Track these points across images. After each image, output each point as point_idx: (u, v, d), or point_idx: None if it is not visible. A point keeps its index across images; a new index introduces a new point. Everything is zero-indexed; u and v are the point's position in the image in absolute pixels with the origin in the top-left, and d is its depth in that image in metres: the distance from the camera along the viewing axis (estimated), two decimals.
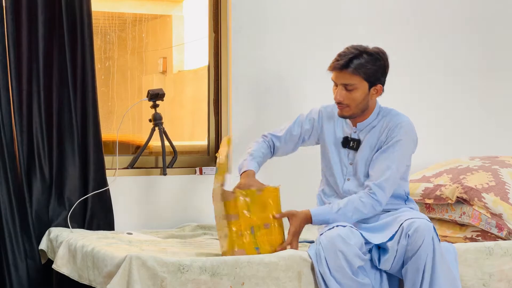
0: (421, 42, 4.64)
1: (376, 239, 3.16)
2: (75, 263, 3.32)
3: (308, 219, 3.23)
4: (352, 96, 3.25)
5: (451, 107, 4.71)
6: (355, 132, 3.35)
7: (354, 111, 3.29)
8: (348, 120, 3.37)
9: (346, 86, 3.24)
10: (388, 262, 3.12)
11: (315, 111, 3.49)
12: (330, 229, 3.14)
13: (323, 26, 4.38)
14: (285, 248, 3.17)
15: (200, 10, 4.34)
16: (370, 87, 3.26)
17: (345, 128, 3.39)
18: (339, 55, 3.26)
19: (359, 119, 3.34)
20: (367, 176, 3.31)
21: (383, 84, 3.31)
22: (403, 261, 3.09)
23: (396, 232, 3.12)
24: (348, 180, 3.36)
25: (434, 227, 3.10)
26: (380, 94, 3.33)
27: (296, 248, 3.21)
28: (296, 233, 3.22)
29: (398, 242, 3.09)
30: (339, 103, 3.27)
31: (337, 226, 3.14)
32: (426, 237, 3.04)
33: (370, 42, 3.38)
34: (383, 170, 3.24)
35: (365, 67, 3.22)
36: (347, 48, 3.28)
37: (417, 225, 3.06)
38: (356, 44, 3.29)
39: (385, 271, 3.18)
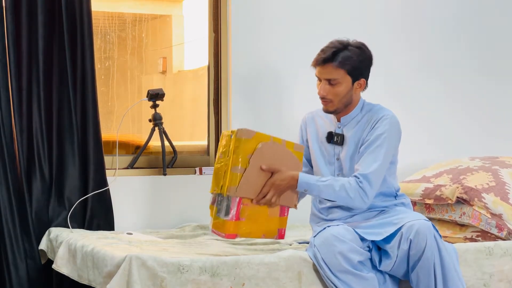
0: (421, 41, 4.64)
1: (371, 236, 3.15)
2: (75, 263, 3.32)
3: (294, 179, 3.14)
4: (336, 91, 3.26)
5: (451, 107, 4.70)
6: (339, 127, 3.36)
7: (338, 106, 3.29)
8: (332, 116, 3.37)
9: (329, 81, 3.26)
10: (388, 266, 3.12)
11: (301, 123, 3.52)
12: (322, 230, 3.14)
13: (324, 26, 4.38)
14: (259, 201, 3.11)
15: (200, 10, 4.34)
16: (353, 81, 3.28)
17: (329, 124, 3.39)
18: (322, 50, 3.28)
19: (343, 113, 3.34)
20: (353, 171, 3.29)
21: (366, 78, 3.32)
22: (409, 266, 3.08)
23: (394, 235, 3.11)
24: (338, 175, 3.35)
25: (433, 225, 3.10)
26: (364, 89, 3.34)
27: (272, 202, 3.12)
28: (273, 185, 3.11)
29: (398, 247, 3.08)
30: (322, 98, 3.28)
31: (329, 226, 3.15)
32: (428, 238, 3.04)
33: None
34: (369, 163, 3.21)
35: (349, 60, 3.23)
36: (330, 43, 3.29)
37: (417, 227, 3.05)
38: (338, 39, 3.30)
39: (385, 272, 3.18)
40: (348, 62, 3.22)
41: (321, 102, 3.31)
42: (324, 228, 3.14)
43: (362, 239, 3.14)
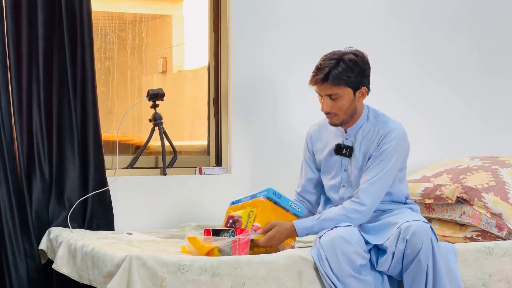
0: (420, 41, 4.63)
1: (375, 239, 3.16)
2: (75, 263, 3.32)
3: (292, 230, 3.20)
4: (339, 105, 3.26)
5: (451, 107, 4.70)
6: (347, 139, 3.36)
7: (344, 118, 3.30)
8: (339, 127, 3.38)
9: (330, 96, 3.26)
10: (385, 265, 3.13)
11: (307, 137, 3.52)
12: (330, 229, 3.14)
13: (323, 27, 4.38)
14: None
15: (200, 10, 4.34)
16: (354, 92, 3.28)
17: (335, 136, 3.40)
18: (317, 68, 3.27)
19: (349, 124, 3.35)
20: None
21: (367, 85, 3.31)
22: (403, 266, 3.09)
23: (393, 234, 3.12)
24: (344, 186, 3.36)
25: (431, 228, 3.10)
26: (366, 96, 3.34)
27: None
28: (272, 239, 3.17)
29: (396, 246, 3.08)
30: (327, 113, 3.29)
31: (336, 226, 3.15)
32: (424, 240, 3.05)
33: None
34: (371, 176, 3.24)
35: (344, 75, 3.22)
36: (323, 59, 3.27)
37: (414, 228, 3.06)
38: (332, 53, 3.28)
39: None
40: (344, 77, 3.22)
41: (327, 117, 3.32)
42: (332, 228, 3.14)
43: (366, 242, 3.15)
